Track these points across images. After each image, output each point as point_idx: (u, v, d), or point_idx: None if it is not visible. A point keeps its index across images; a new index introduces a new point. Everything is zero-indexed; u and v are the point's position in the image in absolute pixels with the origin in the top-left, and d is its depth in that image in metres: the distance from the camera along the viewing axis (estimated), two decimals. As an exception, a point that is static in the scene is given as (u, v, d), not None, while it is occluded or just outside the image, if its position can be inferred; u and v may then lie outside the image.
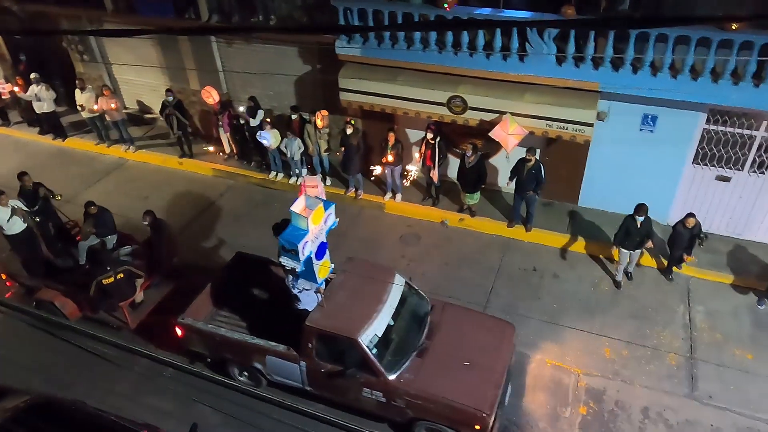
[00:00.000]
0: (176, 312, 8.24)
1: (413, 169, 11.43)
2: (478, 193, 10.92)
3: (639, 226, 9.07)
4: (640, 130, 10.08)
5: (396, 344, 7.43)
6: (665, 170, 10.26)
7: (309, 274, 7.08)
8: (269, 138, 11.76)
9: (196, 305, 8.30)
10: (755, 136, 9.57)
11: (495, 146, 10.95)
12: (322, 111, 11.47)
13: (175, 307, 8.53)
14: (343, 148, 11.46)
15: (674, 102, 9.34)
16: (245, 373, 8.23)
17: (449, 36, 9.96)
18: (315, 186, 7.42)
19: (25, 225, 9.44)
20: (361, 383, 7.21)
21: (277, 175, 12.69)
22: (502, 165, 11.24)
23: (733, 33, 8.33)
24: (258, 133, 11.76)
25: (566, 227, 10.92)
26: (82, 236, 9.56)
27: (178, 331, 8.11)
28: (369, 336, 7.13)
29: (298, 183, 12.43)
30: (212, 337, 7.97)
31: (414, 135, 11.95)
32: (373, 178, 11.98)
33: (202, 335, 8.04)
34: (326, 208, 7.09)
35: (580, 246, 10.59)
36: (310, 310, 7.50)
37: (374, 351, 7.11)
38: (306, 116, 11.92)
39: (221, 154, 13.40)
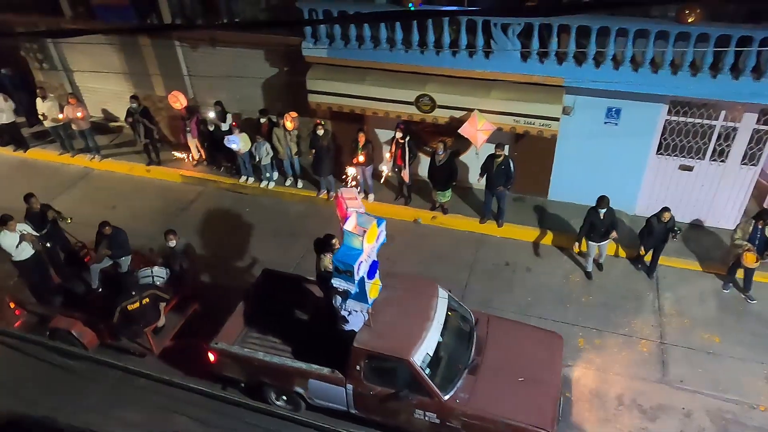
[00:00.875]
0: (200, 335, 8.03)
1: (386, 169, 11.46)
2: (450, 190, 11.00)
3: (602, 218, 9.26)
4: (605, 123, 10.29)
5: (447, 362, 7.10)
6: (630, 161, 10.49)
7: (360, 294, 6.64)
8: (238, 142, 11.65)
9: (228, 328, 7.88)
10: (715, 126, 9.84)
11: (465, 143, 11.05)
12: (290, 113, 11.42)
13: (198, 329, 8.43)
14: (313, 150, 11.42)
15: (636, 95, 9.55)
16: (284, 398, 7.85)
17: (415, 35, 10.01)
18: (354, 198, 7.11)
19: (34, 250, 8.76)
20: (414, 405, 6.91)
21: (247, 179, 12.57)
22: (472, 162, 11.35)
23: (690, 26, 8.57)
24: (226, 138, 11.65)
25: (537, 221, 11.07)
26: (96, 258, 9.01)
27: (211, 357, 7.66)
28: (421, 355, 6.81)
29: (269, 187, 12.39)
30: (249, 362, 7.54)
31: (384, 135, 11.98)
32: (344, 179, 11.94)
33: (238, 360, 7.61)
34: (378, 224, 6.73)
35: (551, 239, 10.75)
36: (356, 330, 7.08)
37: (427, 371, 6.80)
38: (275, 119, 11.84)
39: (190, 160, 13.22)
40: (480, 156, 10.57)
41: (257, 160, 11.94)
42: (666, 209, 9.20)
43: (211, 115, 12.17)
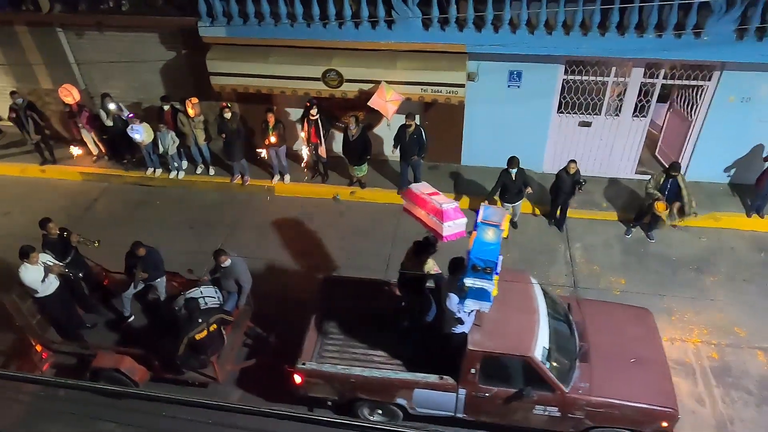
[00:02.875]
0: (254, 352, 7.83)
1: (304, 151, 11.30)
2: (366, 164, 11.01)
3: (514, 178, 9.64)
4: (508, 86, 10.63)
5: (560, 353, 6.81)
6: (534, 122, 10.93)
7: (482, 293, 6.19)
8: (141, 132, 11.05)
9: (306, 346, 7.33)
10: (607, 82, 10.43)
11: (376, 116, 11.08)
12: (191, 99, 10.93)
13: (249, 346, 8.12)
14: (223, 135, 11.03)
15: (535, 57, 9.92)
16: (379, 411, 7.41)
17: (316, 8, 9.82)
18: (436, 192, 6.86)
19: (59, 283, 7.72)
20: (534, 401, 6.66)
21: (154, 171, 11.97)
22: (386, 134, 11.41)
23: (577, -13, 8.97)
24: (129, 127, 11.00)
25: (453, 187, 11.34)
26: (134, 283, 8.04)
27: (297, 378, 7.08)
28: (540, 350, 6.52)
29: (178, 177, 11.88)
30: (344, 380, 7.02)
31: (295, 113, 11.76)
32: (259, 160, 11.69)
33: (330, 379, 7.06)
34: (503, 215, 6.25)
35: (467, 203, 11.06)
36: (456, 331, 6.68)
37: (547, 365, 6.53)
38: (178, 106, 11.30)
39: (89, 155, 12.38)
40: (392, 127, 10.64)
41: (163, 150, 11.38)
42: (572, 161, 9.70)
43: (111, 106, 11.34)
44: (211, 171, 11.99)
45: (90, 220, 11.10)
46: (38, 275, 7.42)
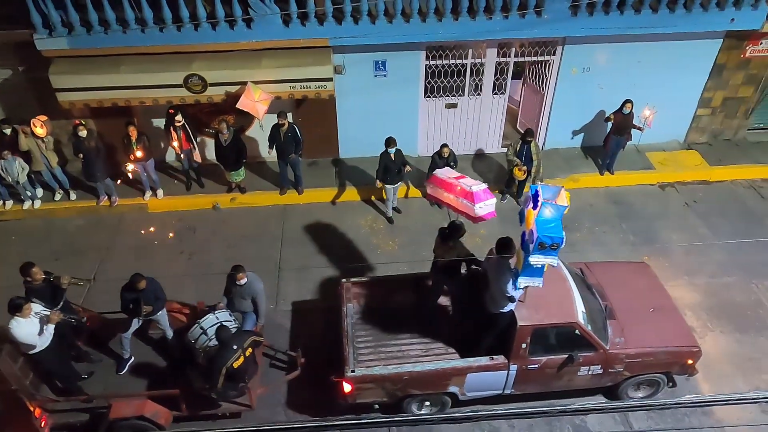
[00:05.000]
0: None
1: (182, 161, 10.78)
2: (242, 168, 10.71)
3: (393, 158, 9.90)
4: (375, 76, 10.84)
5: (593, 315, 7.23)
6: (404, 108, 11.28)
7: (535, 269, 6.17)
8: (-19, 163, 9.86)
9: (346, 353, 7.12)
10: (466, 64, 11.01)
11: (248, 118, 10.81)
12: (39, 117, 9.95)
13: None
14: (80, 155, 10.15)
15: (397, 45, 10.22)
16: (427, 403, 7.40)
17: (167, 12, 9.33)
18: (462, 176, 7.08)
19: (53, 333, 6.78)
20: (580, 363, 7.00)
21: (4, 204, 10.75)
22: (259, 135, 11.17)
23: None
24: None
25: (334, 181, 11.40)
26: (138, 319, 7.35)
27: (347, 387, 6.87)
28: (582, 315, 6.92)
29: (34, 207, 10.79)
30: (398, 379, 6.94)
31: (161, 123, 11.10)
32: (124, 178, 10.93)
33: (382, 381, 6.96)
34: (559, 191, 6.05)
35: (350, 195, 11.18)
36: (505, 310, 6.76)
37: (589, 327, 6.92)
38: (22, 128, 10.19)
39: None
40: (265, 128, 10.44)
41: (11, 179, 10.24)
42: (444, 145, 10.13)
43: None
44: (72, 195, 11.00)
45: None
46: (33, 328, 6.59)
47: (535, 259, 6.01)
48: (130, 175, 10.63)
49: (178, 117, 10.16)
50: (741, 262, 9.63)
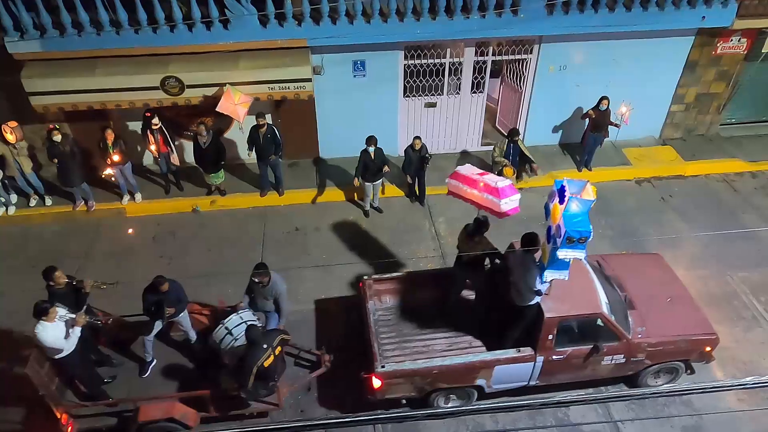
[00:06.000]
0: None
1: (161, 164, 10.70)
2: (222, 171, 10.64)
3: (373, 156, 9.92)
4: (354, 76, 10.85)
5: (615, 305, 7.33)
6: (384, 108, 11.30)
7: (561, 262, 6.33)
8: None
9: (373, 349, 7.18)
10: (445, 63, 11.07)
11: (226, 120, 10.75)
12: (8, 123, 9.76)
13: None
14: (54, 160, 9.98)
15: (375, 45, 10.24)
16: (453, 397, 7.47)
17: (142, 13, 9.21)
18: (484, 172, 7.25)
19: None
20: (604, 353, 7.10)
21: (-23, 211, 10.54)
22: (238, 137, 11.10)
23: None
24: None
25: (315, 182, 11.37)
26: (161, 321, 7.34)
27: (376, 383, 6.93)
28: (605, 306, 7.06)
29: (9, 213, 10.59)
30: (428, 373, 7.01)
31: (137, 127, 10.96)
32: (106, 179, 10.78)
33: (412, 375, 7.02)
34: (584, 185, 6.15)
35: (331, 195, 11.16)
36: (532, 303, 6.89)
37: (613, 318, 7.05)
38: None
39: None
40: (245, 130, 10.37)
41: (-16, 187, 10.06)
42: (416, 137, 10.22)
43: None
44: (48, 201, 10.82)
45: None
46: (60, 332, 6.57)
47: (564, 253, 6.14)
48: (108, 175, 10.48)
49: (155, 120, 10.05)
50: (716, 254, 9.84)
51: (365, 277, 8.17)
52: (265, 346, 6.55)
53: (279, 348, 6.75)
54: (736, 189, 11.49)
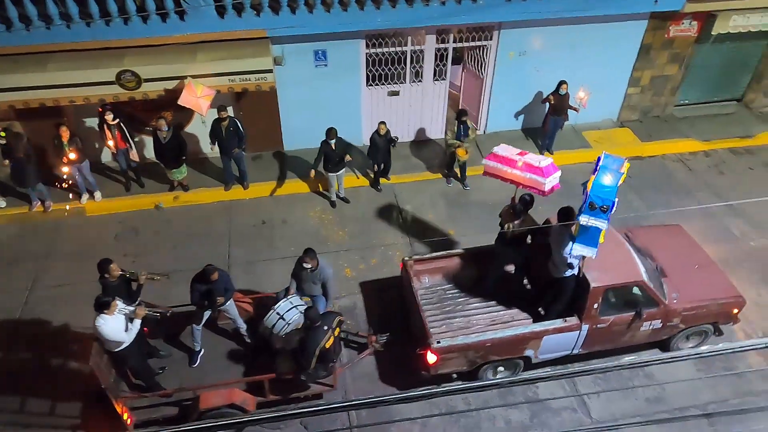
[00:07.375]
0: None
1: (120, 161, 10.44)
2: (184, 166, 10.44)
3: (334, 148, 9.90)
4: (316, 66, 10.77)
5: (650, 274, 7.57)
6: (347, 97, 11.26)
7: (591, 239, 6.56)
8: None
9: (427, 326, 7.41)
10: (406, 51, 11.09)
11: (187, 114, 10.57)
12: (-42, 122, 9.40)
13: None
14: (5, 162, 9.64)
15: (336, 35, 10.18)
16: (501, 369, 7.75)
17: (93, 5, 8.95)
18: (521, 152, 7.44)
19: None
20: (643, 320, 7.39)
21: (-73, 215, 10.12)
22: (200, 131, 10.93)
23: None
24: None
25: (280, 174, 11.28)
26: (212, 310, 7.43)
27: (432, 358, 7.17)
28: (645, 274, 7.34)
29: None
30: (481, 346, 7.27)
31: (94, 123, 10.67)
32: (60, 183, 10.47)
33: (465, 350, 7.26)
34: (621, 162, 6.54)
35: (296, 187, 11.09)
36: (567, 275, 7.18)
37: (652, 285, 7.30)
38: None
39: None
40: (207, 124, 10.21)
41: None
42: (381, 123, 10.29)
43: None
44: (2, 203, 10.46)
45: None
46: (120, 324, 6.61)
47: (585, 219, 6.38)
48: (65, 176, 10.18)
49: (109, 116, 9.79)
50: (673, 231, 10.17)
51: (405, 258, 8.37)
52: (325, 327, 6.70)
53: (337, 329, 6.91)
54: (690, 168, 11.87)
